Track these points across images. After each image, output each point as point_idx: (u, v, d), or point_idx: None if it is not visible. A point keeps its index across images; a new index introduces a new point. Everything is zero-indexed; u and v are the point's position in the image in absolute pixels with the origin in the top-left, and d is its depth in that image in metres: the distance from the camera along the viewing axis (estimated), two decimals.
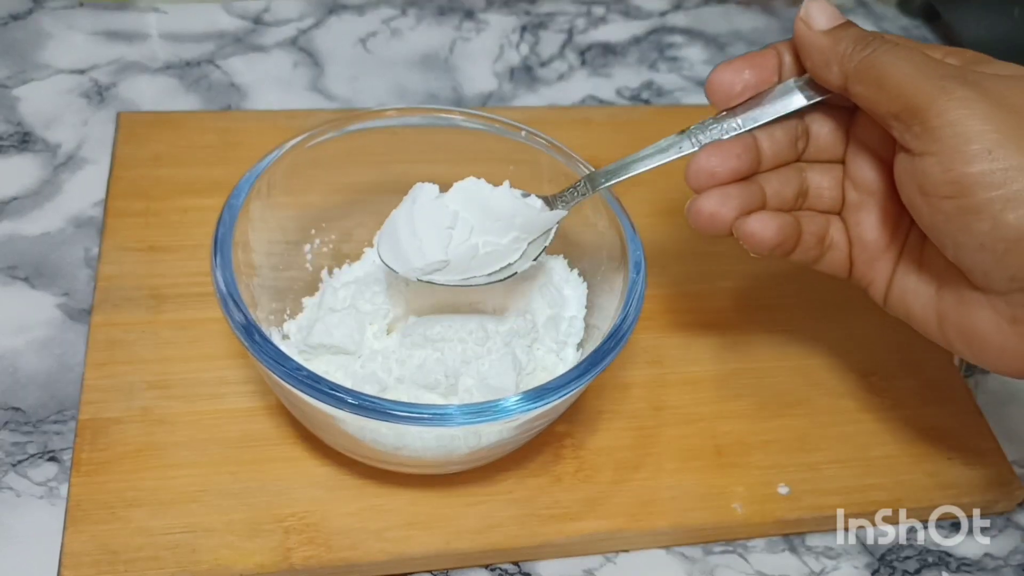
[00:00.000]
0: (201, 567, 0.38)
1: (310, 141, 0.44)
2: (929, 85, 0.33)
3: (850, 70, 0.35)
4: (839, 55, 0.35)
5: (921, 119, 0.33)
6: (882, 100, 0.34)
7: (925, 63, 0.34)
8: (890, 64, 0.34)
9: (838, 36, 0.36)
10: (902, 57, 0.34)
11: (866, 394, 0.49)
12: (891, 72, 0.34)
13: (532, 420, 0.38)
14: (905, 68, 0.34)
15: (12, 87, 0.57)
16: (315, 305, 0.44)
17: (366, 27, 0.66)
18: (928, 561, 0.44)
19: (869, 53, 0.35)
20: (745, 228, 0.37)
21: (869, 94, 0.35)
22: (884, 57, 0.34)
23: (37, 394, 0.44)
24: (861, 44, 0.35)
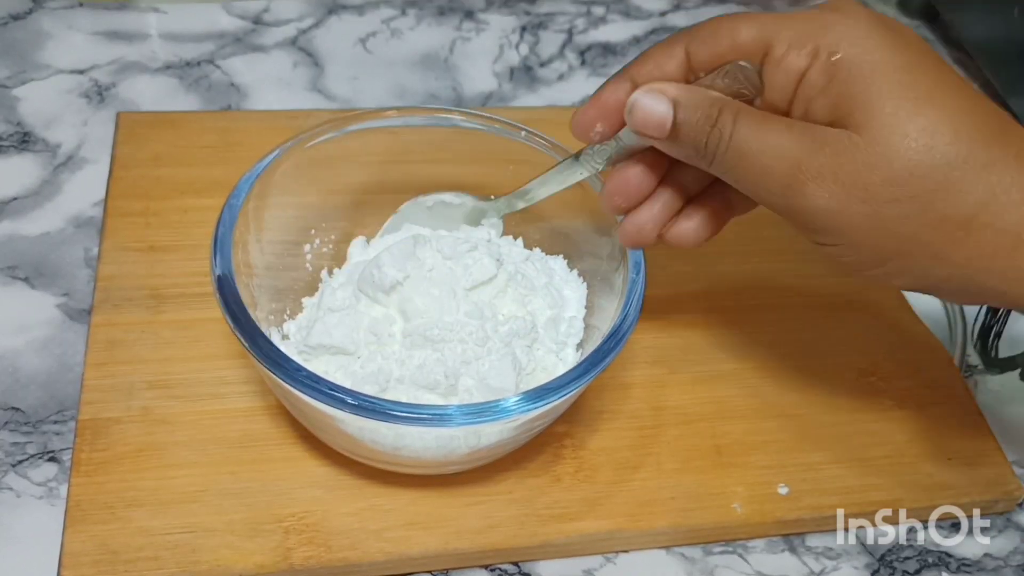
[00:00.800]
0: (201, 567, 0.38)
1: (310, 141, 0.44)
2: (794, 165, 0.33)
3: (715, 163, 0.35)
4: (693, 148, 0.35)
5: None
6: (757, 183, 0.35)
7: (782, 133, 0.34)
8: (749, 149, 0.34)
9: (682, 133, 0.35)
10: (757, 136, 0.34)
11: (866, 394, 0.49)
12: (753, 157, 0.34)
13: (532, 420, 0.38)
14: (767, 147, 0.34)
15: (12, 87, 0.57)
16: (314, 305, 0.44)
17: (366, 27, 0.66)
18: (928, 561, 0.44)
19: (724, 143, 0.34)
20: (671, 240, 0.40)
21: (740, 181, 0.35)
22: (741, 143, 0.34)
23: (37, 394, 0.44)
24: (707, 135, 0.35)
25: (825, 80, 0.33)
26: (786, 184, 0.33)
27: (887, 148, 0.32)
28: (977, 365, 0.53)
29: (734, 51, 0.35)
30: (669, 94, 0.35)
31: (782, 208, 0.35)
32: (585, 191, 0.44)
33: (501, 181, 0.47)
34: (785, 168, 0.33)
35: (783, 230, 0.55)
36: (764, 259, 0.54)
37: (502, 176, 0.47)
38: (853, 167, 0.32)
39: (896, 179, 0.32)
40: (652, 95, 0.35)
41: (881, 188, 0.32)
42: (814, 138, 0.33)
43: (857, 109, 0.33)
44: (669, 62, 0.37)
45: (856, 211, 0.33)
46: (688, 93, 0.35)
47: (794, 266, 0.54)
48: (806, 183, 0.33)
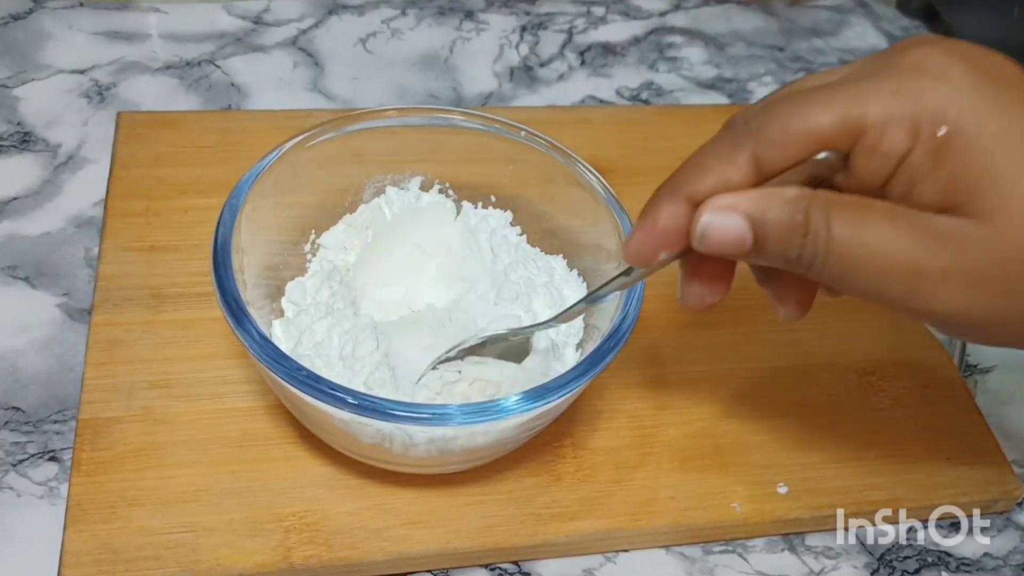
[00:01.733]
0: (201, 566, 0.38)
1: (310, 141, 0.44)
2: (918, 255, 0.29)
3: (814, 272, 0.30)
4: (785, 260, 0.30)
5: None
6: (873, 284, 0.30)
7: (889, 232, 0.29)
8: (853, 256, 0.29)
9: (769, 246, 0.30)
10: (860, 238, 0.29)
11: (866, 394, 0.49)
12: (862, 265, 0.29)
13: (532, 420, 0.38)
14: (875, 251, 0.29)
15: (12, 87, 0.57)
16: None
17: (366, 27, 0.66)
18: (928, 561, 0.45)
19: (822, 251, 0.29)
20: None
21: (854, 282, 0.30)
22: (843, 250, 0.29)
23: (38, 394, 0.44)
24: (800, 245, 0.30)
25: (933, 162, 0.28)
26: (908, 291, 0.29)
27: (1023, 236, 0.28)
28: (977, 364, 0.53)
29: (815, 146, 0.29)
30: (741, 208, 0.30)
31: (907, 312, 0.30)
32: (585, 191, 0.45)
33: (501, 181, 0.47)
34: (903, 273, 0.29)
35: None
36: None
37: (502, 176, 0.47)
38: (986, 262, 0.28)
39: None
40: (722, 215, 0.30)
41: (1022, 279, 0.28)
42: (930, 234, 0.28)
43: (980, 195, 0.28)
44: (733, 173, 0.30)
45: (995, 304, 0.29)
46: (765, 201, 0.30)
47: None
48: (931, 287, 0.29)
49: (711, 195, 0.30)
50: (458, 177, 0.48)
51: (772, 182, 0.30)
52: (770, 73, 0.68)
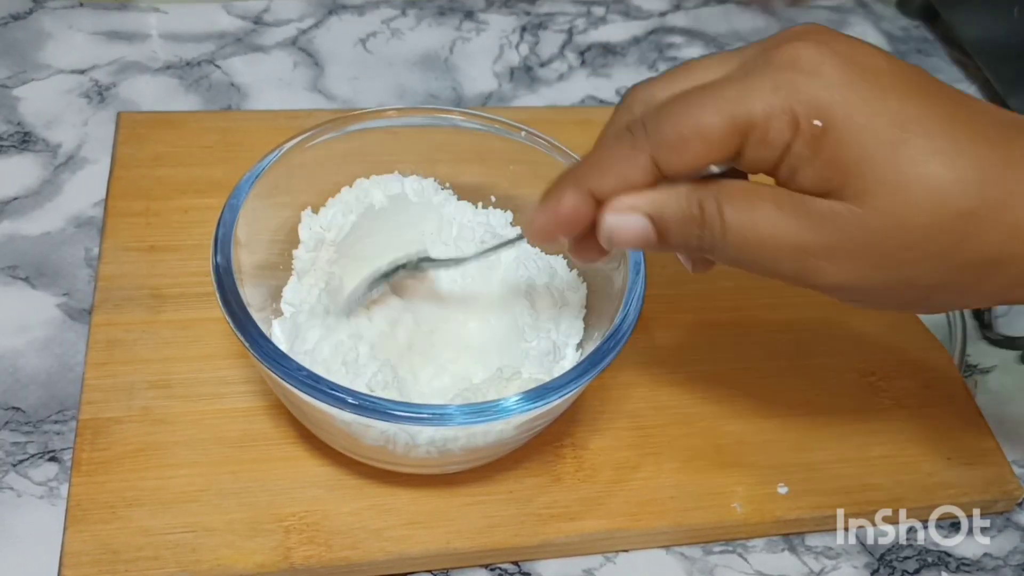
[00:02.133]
0: (202, 566, 0.38)
1: (310, 141, 0.44)
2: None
3: (716, 256, 0.33)
4: (687, 249, 0.33)
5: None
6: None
7: (776, 217, 0.31)
8: (746, 239, 0.32)
9: (671, 239, 0.33)
10: (750, 224, 0.31)
11: (866, 394, 0.49)
12: (754, 247, 0.32)
13: (532, 420, 0.38)
14: (765, 235, 0.31)
15: (12, 87, 0.57)
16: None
17: (366, 27, 0.66)
18: (928, 561, 0.45)
19: (719, 238, 0.32)
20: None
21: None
22: (736, 235, 0.32)
23: (38, 394, 0.44)
24: (698, 235, 0.32)
25: (811, 151, 0.30)
26: (798, 268, 0.32)
27: (896, 216, 0.30)
28: (977, 365, 0.53)
29: (710, 151, 0.31)
30: (641, 208, 0.32)
31: (800, 285, 0.32)
32: None
33: (501, 181, 0.47)
34: (792, 252, 0.31)
35: None
36: None
37: (502, 176, 0.47)
38: (863, 240, 0.31)
39: (911, 243, 0.30)
40: (624, 216, 0.33)
41: (897, 254, 0.31)
42: (812, 216, 0.31)
43: (853, 179, 0.30)
44: (634, 173, 0.32)
45: (877, 276, 0.31)
46: (661, 198, 0.32)
47: None
48: (817, 264, 0.31)
49: (612, 192, 0.33)
50: (458, 177, 0.48)
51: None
52: None
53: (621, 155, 0.32)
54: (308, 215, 0.45)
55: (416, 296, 0.44)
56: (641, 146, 0.32)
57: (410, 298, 0.44)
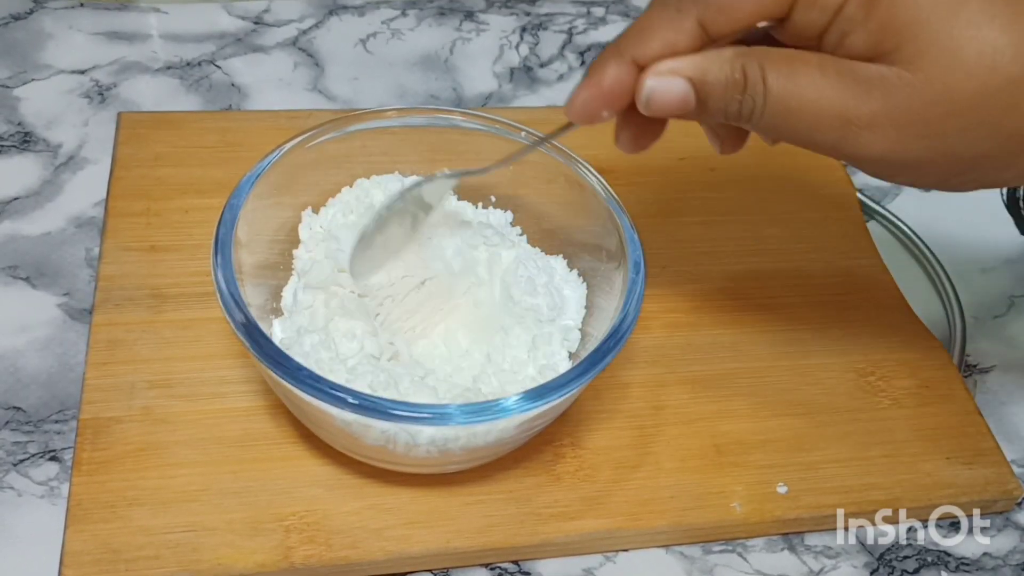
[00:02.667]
0: (202, 566, 0.38)
1: (310, 141, 0.44)
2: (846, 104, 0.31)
3: (754, 125, 0.32)
4: (726, 115, 0.32)
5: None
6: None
7: (820, 82, 0.31)
8: (788, 106, 0.31)
9: (710, 105, 0.32)
10: (794, 89, 0.31)
11: (865, 394, 0.49)
12: (796, 114, 0.31)
13: (532, 420, 0.38)
14: (807, 101, 0.31)
15: (13, 87, 0.57)
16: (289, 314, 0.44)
17: (366, 28, 0.66)
18: (927, 561, 0.45)
19: (760, 105, 0.31)
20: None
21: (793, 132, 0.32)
22: (778, 101, 0.31)
23: (38, 394, 0.44)
24: (739, 101, 0.31)
25: (864, 12, 0.30)
26: (839, 137, 0.31)
27: (946, 81, 0.29)
28: (977, 364, 0.53)
29: (760, 8, 0.31)
30: (683, 71, 0.32)
31: (838, 156, 0.32)
32: (585, 191, 0.45)
33: (501, 181, 0.47)
34: (834, 120, 0.30)
35: (783, 230, 0.55)
36: (764, 259, 0.54)
37: (502, 176, 0.47)
38: (909, 107, 0.30)
39: (959, 111, 0.30)
40: (665, 80, 0.32)
41: (943, 122, 0.30)
42: (858, 82, 0.30)
43: (905, 42, 0.29)
44: (679, 38, 0.32)
45: (919, 147, 0.31)
46: (704, 62, 0.32)
47: (794, 266, 0.54)
48: (859, 132, 0.30)
49: (656, 59, 0.32)
50: None
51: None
52: None
53: (665, 19, 0.32)
54: (308, 215, 0.45)
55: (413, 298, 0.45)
56: (687, 8, 0.31)
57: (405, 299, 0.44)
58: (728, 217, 0.55)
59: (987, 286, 0.57)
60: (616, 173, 0.47)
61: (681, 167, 0.57)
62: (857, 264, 0.55)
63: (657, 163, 0.56)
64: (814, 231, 0.56)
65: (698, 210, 0.55)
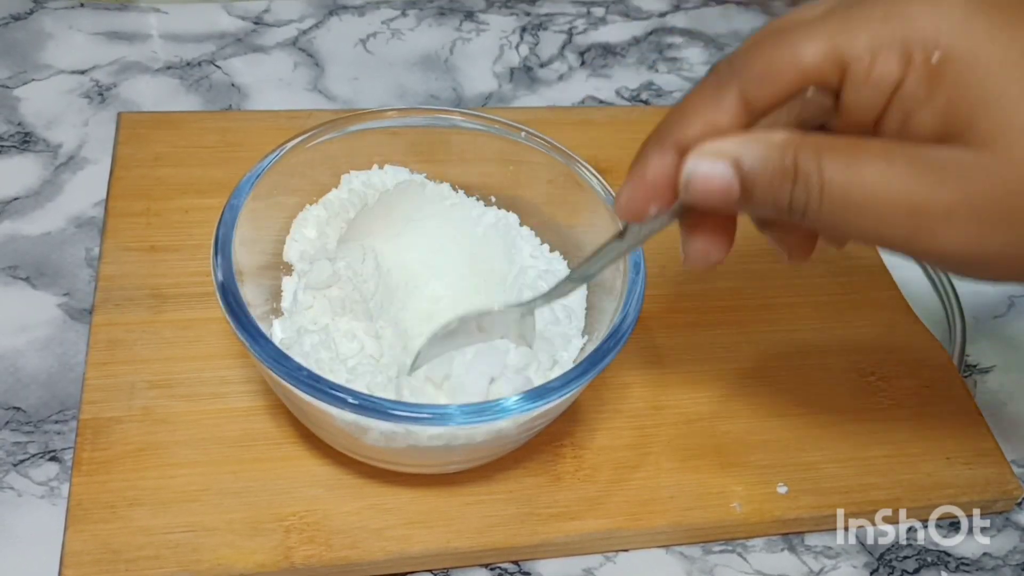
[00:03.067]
0: (202, 566, 0.38)
1: (310, 141, 0.44)
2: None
3: (809, 219, 0.29)
4: (776, 208, 0.29)
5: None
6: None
7: (885, 169, 0.27)
8: (849, 198, 0.28)
9: (757, 195, 0.29)
10: (854, 179, 0.28)
11: (866, 394, 0.49)
12: (858, 208, 0.28)
13: (532, 420, 0.38)
14: (872, 191, 0.27)
15: (13, 87, 0.57)
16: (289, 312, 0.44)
17: (366, 28, 0.66)
18: (927, 561, 0.45)
19: (816, 196, 0.28)
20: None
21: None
22: (837, 193, 0.28)
23: (38, 394, 0.44)
24: (790, 191, 0.28)
25: (928, 89, 0.27)
26: (911, 232, 0.27)
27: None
28: (977, 364, 0.53)
29: (802, 80, 0.28)
30: (726, 153, 0.29)
31: (912, 254, 0.29)
32: (585, 192, 0.45)
33: (501, 181, 0.47)
34: (904, 213, 0.27)
35: None
36: (764, 259, 0.54)
37: (502, 176, 0.47)
38: (990, 194, 0.27)
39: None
40: (706, 160, 0.29)
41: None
42: (930, 168, 0.27)
43: (978, 120, 0.26)
44: (720, 115, 0.29)
45: (1002, 240, 0.27)
46: (751, 144, 0.29)
47: (794, 266, 0.54)
48: (935, 226, 0.27)
49: (698, 139, 0.29)
50: (458, 177, 0.48)
51: (761, 124, 0.29)
52: None
53: (705, 96, 0.29)
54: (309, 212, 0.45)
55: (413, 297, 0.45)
56: (727, 83, 0.29)
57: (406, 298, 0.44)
58: None
59: (987, 286, 0.57)
60: (616, 173, 0.47)
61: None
62: (857, 264, 0.55)
63: None
64: None
65: None
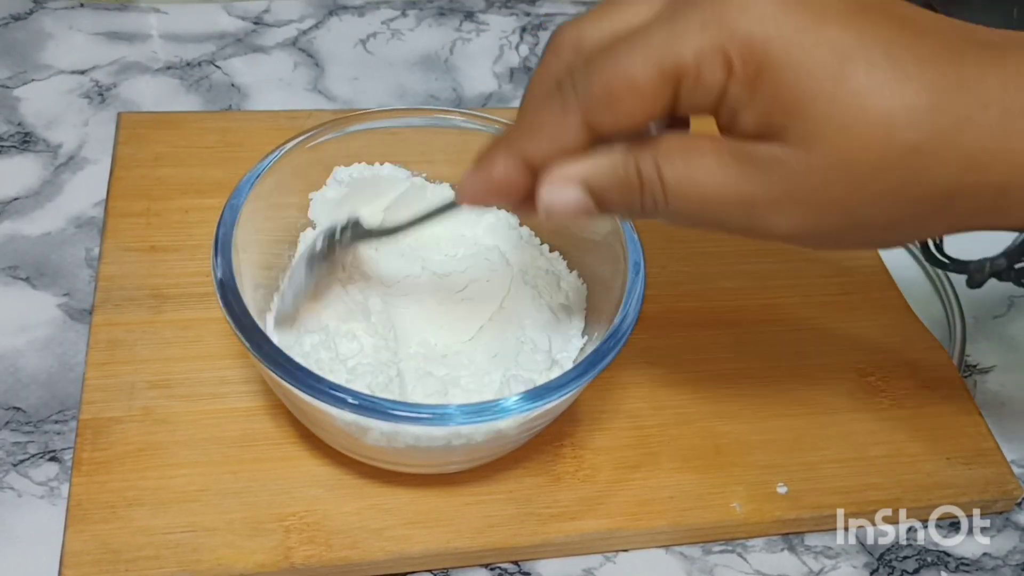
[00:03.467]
0: (202, 566, 0.38)
1: (310, 141, 0.44)
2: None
3: (661, 216, 0.31)
4: (631, 213, 0.32)
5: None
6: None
7: (716, 170, 0.30)
8: (689, 196, 0.30)
9: (611, 205, 0.31)
10: (690, 180, 0.30)
11: (865, 394, 0.49)
12: (698, 203, 0.30)
13: (532, 420, 0.38)
14: (707, 190, 0.30)
15: (13, 87, 0.57)
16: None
17: (366, 28, 0.66)
18: (927, 561, 0.45)
19: (660, 199, 0.30)
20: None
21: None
22: (678, 193, 0.30)
23: (38, 394, 0.44)
24: (639, 199, 0.31)
25: (748, 93, 0.28)
26: (745, 221, 0.30)
27: (841, 158, 0.28)
28: (977, 364, 0.53)
29: (643, 105, 0.29)
30: (575, 177, 0.31)
31: (753, 237, 0.31)
32: None
33: None
34: (738, 205, 0.30)
35: None
36: (763, 259, 0.54)
37: None
38: (810, 187, 0.29)
39: (861, 185, 0.28)
40: (558, 186, 0.31)
41: (848, 197, 0.29)
42: (755, 164, 0.29)
43: (795, 120, 0.28)
44: (566, 136, 0.31)
45: (827, 222, 0.30)
46: (595, 165, 0.31)
47: (794, 266, 0.54)
48: (766, 215, 0.30)
49: (546, 158, 0.31)
50: (458, 177, 0.48)
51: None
52: None
53: (552, 118, 0.31)
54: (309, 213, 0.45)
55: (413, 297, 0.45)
56: (571, 107, 0.30)
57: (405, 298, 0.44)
58: None
59: (987, 286, 0.57)
60: None
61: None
62: (857, 264, 0.55)
63: None
64: None
65: None
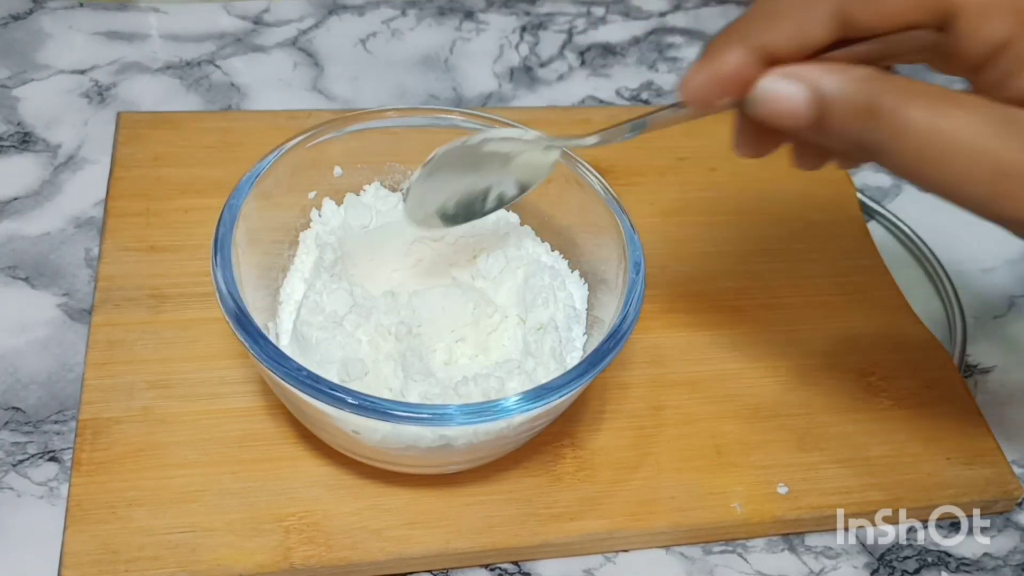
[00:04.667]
0: (201, 566, 0.38)
1: (310, 141, 0.44)
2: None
3: (883, 160, 0.28)
4: (848, 143, 0.28)
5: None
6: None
7: (976, 126, 0.26)
8: (931, 147, 0.26)
9: (833, 124, 0.27)
10: (939, 128, 0.26)
11: (865, 394, 0.49)
12: (938, 159, 0.27)
13: (532, 420, 0.38)
14: (955, 144, 0.26)
15: (12, 87, 0.57)
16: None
17: (366, 28, 0.66)
18: (927, 561, 0.45)
19: (894, 138, 0.27)
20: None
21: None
22: (918, 139, 0.27)
23: (38, 394, 0.44)
24: (871, 129, 0.27)
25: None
26: (991, 191, 0.26)
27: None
28: (977, 364, 0.53)
29: (911, 7, 0.26)
30: (806, 76, 0.27)
31: (985, 215, 0.28)
32: (585, 191, 0.45)
33: None
34: (986, 171, 0.26)
35: (783, 230, 0.55)
36: (764, 259, 0.54)
37: None
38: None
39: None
40: (783, 81, 0.27)
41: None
42: (1021, 135, 0.26)
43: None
44: (812, 26, 0.27)
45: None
46: (833, 74, 0.27)
47: (794, 266, 0.54)
48: (1016, 191, 0.26)
49: (784, 49, 0.27)
50: None
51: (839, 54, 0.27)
52: None
53: (798, 4, 0.27)
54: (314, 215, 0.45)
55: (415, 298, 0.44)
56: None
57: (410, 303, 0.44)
58: (728, 217, 0.55)
59: (987, 286, 0.57)
60: (616, 173, 0.47)
61: (681, 167, 0.57)
62: (857, 264, 0.55)
63: (657, 163, 0.56)
64: (814, 231, 0.56)
65: (698, 210, 0.55)
